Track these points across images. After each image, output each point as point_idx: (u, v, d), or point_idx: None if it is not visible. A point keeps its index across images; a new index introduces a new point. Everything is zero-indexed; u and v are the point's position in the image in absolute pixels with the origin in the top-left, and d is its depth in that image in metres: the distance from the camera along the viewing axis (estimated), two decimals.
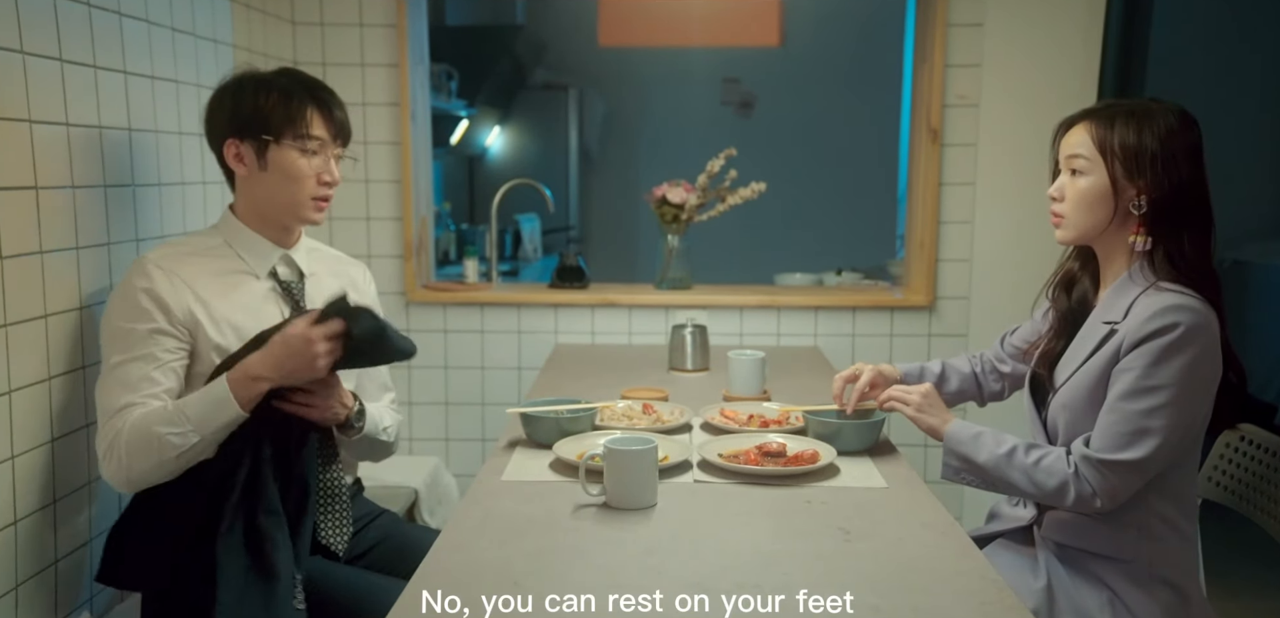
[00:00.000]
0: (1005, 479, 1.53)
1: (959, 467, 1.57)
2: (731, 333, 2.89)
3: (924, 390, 1.69)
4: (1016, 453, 1.53)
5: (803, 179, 5.38)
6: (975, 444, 1.57)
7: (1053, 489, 1.49)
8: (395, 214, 2.91)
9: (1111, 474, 1.43)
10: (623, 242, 5.75)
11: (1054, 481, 1.48)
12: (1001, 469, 1.53)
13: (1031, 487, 1.51)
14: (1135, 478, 1.44)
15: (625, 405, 1.96)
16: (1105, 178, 1.49)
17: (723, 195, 2.87)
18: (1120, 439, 1.43)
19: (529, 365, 2.94)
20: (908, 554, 1.28)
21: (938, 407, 1.67)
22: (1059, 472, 1.48)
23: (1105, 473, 1.44)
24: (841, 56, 5.49)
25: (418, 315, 2.96)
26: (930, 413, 1.66)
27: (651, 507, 1.46)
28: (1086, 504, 1.46)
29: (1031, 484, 1.51)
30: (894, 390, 1.73)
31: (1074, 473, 1.46)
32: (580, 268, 3.01)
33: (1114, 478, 1.43)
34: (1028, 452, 1.52)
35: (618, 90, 5.79)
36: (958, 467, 1.57)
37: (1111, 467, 1.43)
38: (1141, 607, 1.48)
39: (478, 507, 1.47)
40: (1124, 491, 1.45)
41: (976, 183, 2.79)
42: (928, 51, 2.79)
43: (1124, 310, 1.48)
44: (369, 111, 2.87)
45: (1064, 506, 1.49)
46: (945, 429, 1.61)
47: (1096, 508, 1.46)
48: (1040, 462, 1.50)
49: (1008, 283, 2.78)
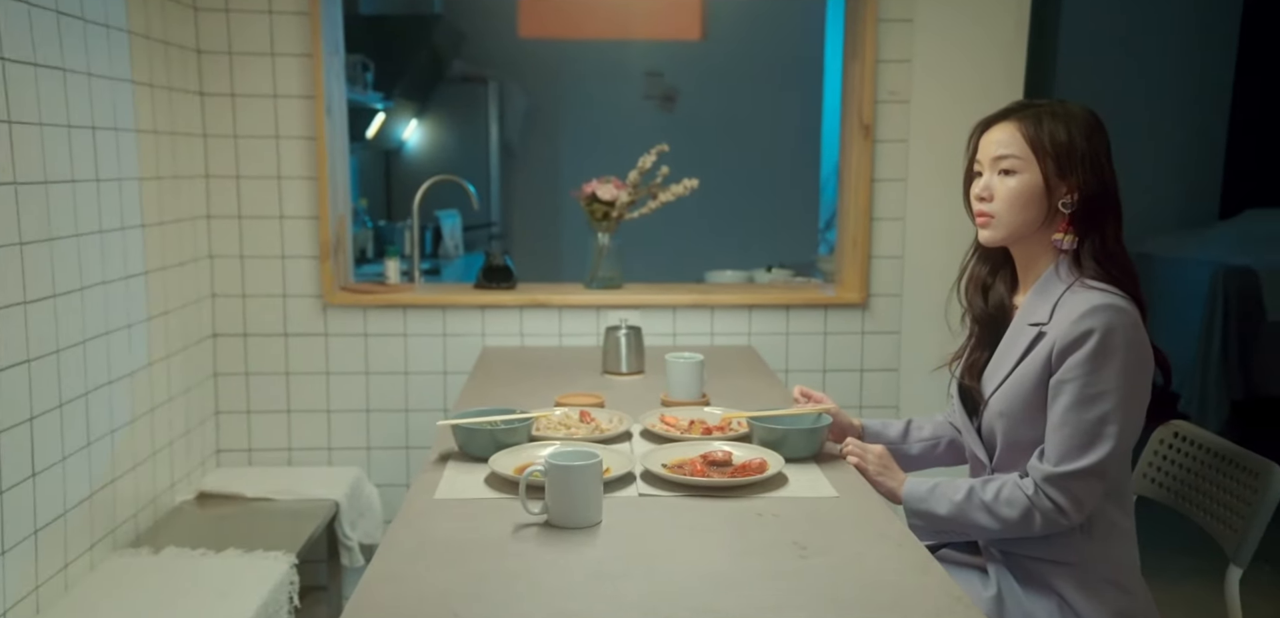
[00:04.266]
0: (970, 523, 1.52)
1: (922, 526, 1.55)
2: (664, 333, 2.83)
3: (879, 451, 1.68)
4: (974, 494, 1.52)
5: (727, 175, 5.36)
6: (933, 499, 1.55)
7: (1017, 519, 1.47)
8: (310, 213, 2.76)
9: (1075, 484, 1.42)
10: (547, 239, 5.64)
11: (1016, 510, 1.47)
12: (964, 514, 1.52)
13: (996, 523, 1.49)
14: (1097, 482, 1.43)
15: (562, 414, 1.88)
16: (1038, 176, 1.49)
17: (655, 192, 2.81)
18: (1076, 449, 1.42)
19: (455, 370, 2.82)
20: (868, 571, 1.23)
21: (892, 468, 1.66)
22: (1019, 502, 1.47)
23: (1069, 485, 1.43)
24: (762, 51, 5.50)
25: (336, 319, 2.81)
26: (887, 475, 1.64)
27: (597, 525, 1.38)
28: (1055, 523, 1.45)
29: (996, 521, 1.49)
30: (852, 445, 1.70)
31: (1035, 494, 1.45)
32: (507, 268, 2.91)
33: (1078, 487, 1.43)
34: (985, 488, 1.51)
35: (539, 83, 5.69)
36: (920, 526, 1.54)
37: (1074, 476, 1.42)
38: (1090, 611, 1.47)
39: (410, 530, 1.37)
40: (1089, 498, 1.44)
41: (908, 179, 2.79)
42: (858, 47, 2.77)
43: (1049, 311, 1.48)
44: (281, 104, 2.71)
45: (1033, 532, 1.47)
46: (902, 492, 1.60)
47: (1067, 524, 1.45)
48: (999, 494, 1.49)
49: (939, 279, 2.78)
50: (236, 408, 2.83)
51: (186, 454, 2.63)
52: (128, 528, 2.31)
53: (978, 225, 1.56)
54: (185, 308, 2.60)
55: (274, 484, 2.66)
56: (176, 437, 2.56)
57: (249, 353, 2.81)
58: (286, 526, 2.43)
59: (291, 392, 2.83)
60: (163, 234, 2.45)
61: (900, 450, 1.78)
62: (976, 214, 1.56)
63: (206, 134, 2.70)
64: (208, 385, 2.77)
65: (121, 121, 2.22)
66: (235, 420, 2.83)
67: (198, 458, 2.71)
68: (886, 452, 1.68)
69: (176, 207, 2.54)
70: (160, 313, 2.44)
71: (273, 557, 2.22)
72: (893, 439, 1.79)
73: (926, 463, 1.80)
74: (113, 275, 2.19)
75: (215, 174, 2.72)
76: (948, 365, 1.72)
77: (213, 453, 2.81)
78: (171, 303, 2.51)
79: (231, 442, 2.84)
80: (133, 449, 2.31)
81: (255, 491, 2.62)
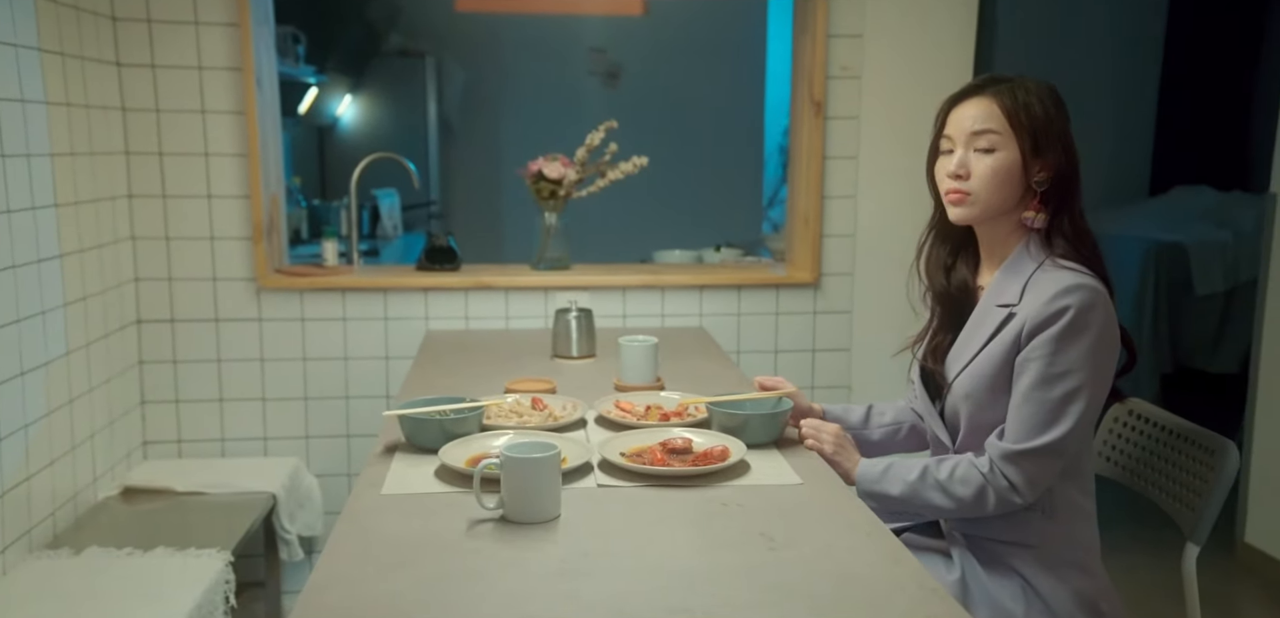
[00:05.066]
0: (924, 503, 1.50)
1: (875, 508, 1.51)
2: (614, 315, 2.77)
3: (834, 430, 1.63)
4: (928, 473, 1.49)
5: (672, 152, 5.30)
6: (886, 480, 1.53)
7: (971, 498, 1.45)
8: (241, 191, 2.62)
9: (1030, 463, 1.41)
10: (488, 218, 5.52)
11: (970, 489, 1.45)
12: (918, 494, 1.49)
13: (951, 502, 1.47)
14: (1054, 462, 1.42)
15: (514, 401, 1.81)
16: (1016, 153, 1.46)
17: (603, 170, 2.74)
18: (1037, 427, 1.40)
19: (398, 355, 2.72)
20: (840, 563, 1.19)
21: (847, 448, 1.62)
22: (973, 480, 1.45)
23: (1023, 463, 1.41)
24: (706, 27, 5.44)
25: (271, 303, 2.68)
26: (842, 456, 1.61)
27: (555, 519, 1.32)
28: (1008, 502, 1.43)
29: (950, 499, 1.47)
30: (807, 426, 1.66)
31: (990, 471, 1.43)
32: (451, 249, 2.81)
33: (1033, 466, 1.41)
34: (939, 467, 1.49)
35: (478, 59, 5.55)
36: (874, 508, 1.50)
37: (1030, 455, 1.40)
38: (1052, 593, 1.47)
39: (356, 528, 1.29)
40: (1043, 477, 1.43)
41: (860, 156, 2.76)
42: (809, 22, 2.73)
43: (1019, 291, 1.46)
44: (206, 76, 2.56)
45: (988, 512, 1.45)
46: (855, 474, 1.57)
47: (1018, 503, 1.43)
48: (954, 473, 1.47)
49: (891, 258, 2.77)
50: (164, 397, 2.68)
51: (110, 448, 2.48)
52: (45, 528, 2.16)
53: (949, 203, 1.51)
54: (106, 293, 2.45)
55: (206, 477, 2.53)
56: (99, 429, 2.41)
57: (177, 340, 2.66)
58: (220, 520, 2.31)
59: (223, 380, 2.70)
60: (78, 214, 2.29)
61: (861, 436, 1.75)
62: (949, 193, 1.50)
63: (125, 107, 2.54)
64: (132, 374, 2.62)
65: (28, 92, 2.07)
66: (163, 411, 2.69)
67: (123, 451, 2.56)
68: (841, 431, 1.65)
69: (94, 185, 2.38)
70: (78, 298, 2.29)
71: (206, 554, 2.11)
72: (854, 425, 1.76)
73: (888, 449, 1.77)
74: (23, 259, 2.04)
75: (136, 151, 2.56)
76: (910, 348, 1.69)
77: (139, 446, 2.67)
78: (91, 288, 2.36)
79: (159, 433, 2.70)
80: (50, 444, 2.16)
81: (186, 484, 2.49)
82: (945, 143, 1.51)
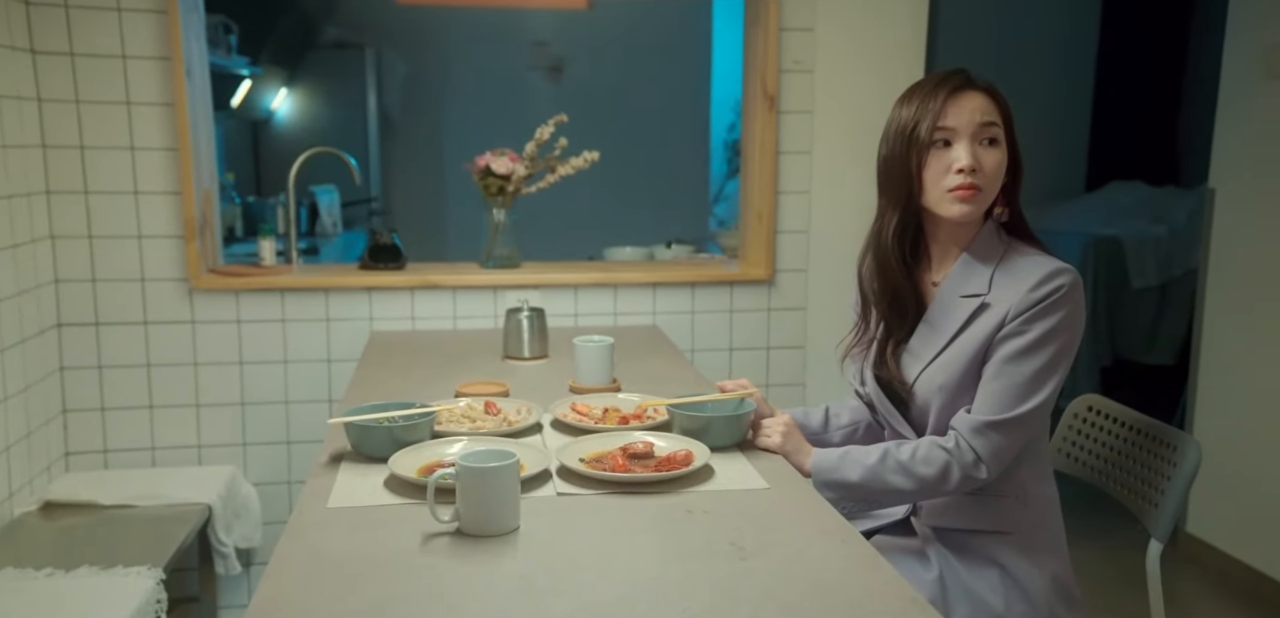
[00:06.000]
0: (885, 487, 1.46)
1: (833, 498, 1.47)
2: (566, 314, 2.70)
3: (784, 422, 1.58)
4: (889, 455, 1.46)
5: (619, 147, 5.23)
6: (843, 466, 1.49)
7: (935, 476, 1.43)
8: (171, 188, 2.49)
9: (997, 434, 1.40)
10: (431, 215, 5.40)
11: (934, 468, 1.43)
12: (878, 477, 1.46)
13: (913, 483, 1.45)
14: (1020, 436, 1.42)
15: (466, 404, 1.73)
16: (1006, 147, 1.46)
17: (553, 166, 2.67)
18: (1009, 400, 1.40)
19: (341, 357, 2.61)
20: (813, 571, 1.15)
21: (797, 438, 1.57)
22: (937, 458, 1.43)
23: (991, 435, 1.40)
24: (651, 21, 5.39)
25: (205, 304, 2.55)
26: (796, 450, 1.56)
27: (515, 531, 1.26)
28: (972, 477, 1.42)
29: (912, 480, 1.44)
30: (761, 422, 1.61)
31: (955, 447, 1.42)
32: (396, 247, 2.71)
33: (1000, 438, 1.40)
34: (900, 449, 1.47)
35: (419, 52, 5.42)
36: (832, 499, 1.46)
37: (999, 427, 1.40)
38: (1030, 579, 1.46)
39: (301, 545, 1.21)
40: (1009, 451, 1.42)
41: (814, 151, 2.74)
42: (760, 14, 2.69)
43: (986, 281, 1.44)
44: (132, 65, 2.42)
45: (949, 489, 1.44)
46: (810, 465, 1.52)
47: (981, 477, 1.42)
48: (915, 453, 1.45)
49: (846, 254, 2.73)
50: (88, 405, 2.53)
51: (28, 460, 2.33)
52: None
53: (957, 199, 1.43)
54: (22, 295, 2.30)
55: (135, 489, 2.39)
56: (15, 440, 2.26)
57: (102, 344, 2.52)
58: (151, 535, 2.19)
59: (154, 385, 2.56)
60: None
61: (822, 440, 1.71)
62: (959, 188, 1.42)
63: (41, 98, 2.39)
64: (53, 381, 2.47)
65: None
66: (87, 419, 2.54)
67: (42, 463, 2.41)
68: (790, 420, 1.60)
69: (7, 181, 2.23)
70: None
71: (135, 572, 1.98)
72: (814, 429, 1.72)
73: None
74: None
75: (54, 144, 2.41)
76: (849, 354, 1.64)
77: (61, 457, 2.52)
78: (4, 290, 2.21)
79: (83, 444, 2.55)
80: None
81: (113, 497, 2.35)
82: (942, 135, 1.43)
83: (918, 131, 1.44)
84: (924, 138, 1.44)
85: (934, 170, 1.44)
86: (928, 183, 1.46)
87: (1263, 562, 2.88)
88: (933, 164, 1.45)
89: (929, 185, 1.46)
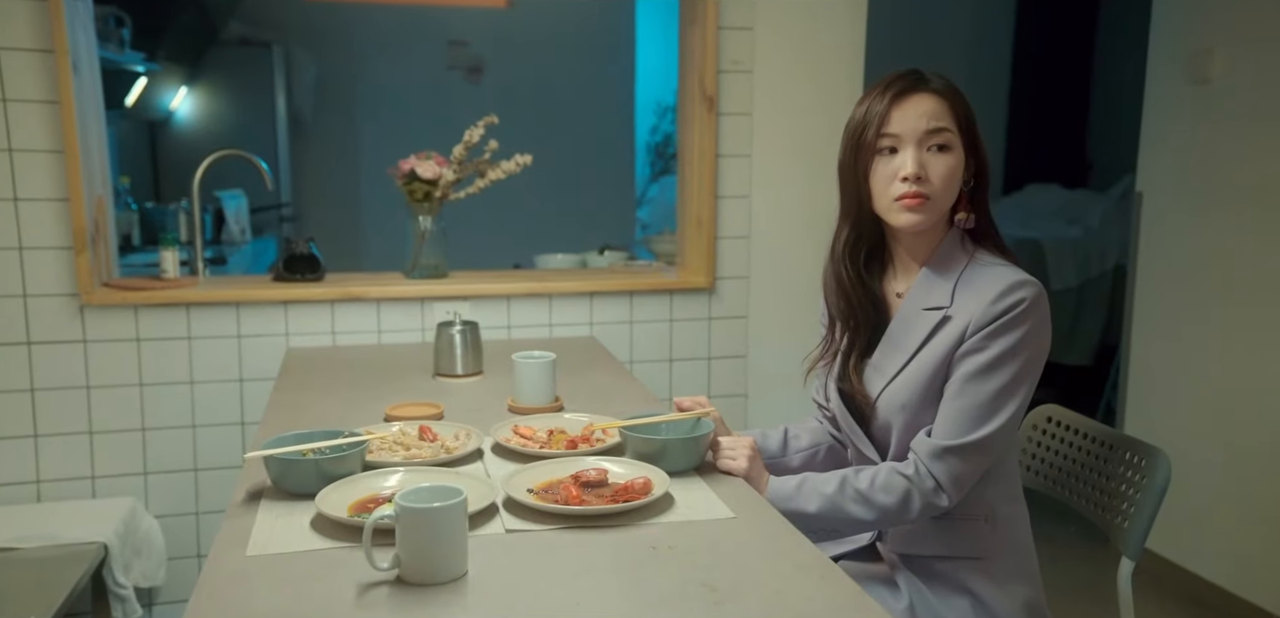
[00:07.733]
0: (844, 516, 1.39)
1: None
2: (499, 326, 2.56)
3: (748, 446, 1.48)
4: (847, 483, 1.39)
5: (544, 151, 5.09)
6: (800, 496, 1.41)
7: (895, 506, 1.36)
8: (57, 193, 2.26)
9: (957, 459, 1.33)
10: (346, 222, 5.16)
11: (894, 496, 1.36)
12: (837, 508, 1.39)
13: (872, 513, 1.37)
14: (981, 460, 1.35)
15: (398, 429, 1.59)
16: (961, 152, 1.38)
17: (482, 170, 2.53)
18: (970, 422, 1.33)
19: (255, 376, 2.42)
20: (795, 612, 1.05)
21: (758, 463, 1.48)
22: (897, 486, 1.36)
23: (950, 460, 1.33)
24: (573, 21, 5.27)
25: (98, 321, 2.33)
26: (758, 476, 1.47)
27: (462, 576, 1.13)
28: (933, 505, 1.35)
29: (872, 510, 1.37)
30: (723, 442, 1.50)
31: (915, 474, 1.35)
32: (314, 256, 2.53)
33: (960, 464, 1.33)
34: (858, 476, 1.39)
35: (330, 50, 5.19)
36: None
37: (959, 451, 1.33)
38: (1002, 608, 1.40)
39: (216, 604, 1.05)
40: (970, 477, 1.36)
41: (753, 154, 2.66)
42: (697, 13, 2.61)
43: (949, 293, 1.38)
44: (7, 58, 2.19)
45: (910, 518, 1.37)
46: (767, 493, 1.44)
47: (943, 505, 1.35)
48: (874, 481, 1.38)
49: (788, 260, 2.69)
50: None
51: None
52: None
53: (904, 208, 1.37)
54: None
55: (18, 529, 2.16)
56: None
57: None
58: (36, 580, 1.97)
59: (39, 412, 2.32)
60: None
61: (781, 464, 1.62)
62: (904, 197, 1.36)
63: None
64: None
65: None
66: None
67: None
68: (755, 445, 1.51)
69: None
70: None
71: None
72: (772, 452, 1.63)
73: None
74: None
75: None
76: (814, 368, 1.57)
77: None
78: None
79: None
80: None
81: None
82: (887, 141, 1.37)
83: (865, 136, 1.39)
84: (870, 142, 1.38)
85: (881, 177, 1.39)
86: (876, 190, 1.40)
87: (1193, 562, 2.92)
88: (879, 170, 1.39)
89: (877, 193, 1.40)
